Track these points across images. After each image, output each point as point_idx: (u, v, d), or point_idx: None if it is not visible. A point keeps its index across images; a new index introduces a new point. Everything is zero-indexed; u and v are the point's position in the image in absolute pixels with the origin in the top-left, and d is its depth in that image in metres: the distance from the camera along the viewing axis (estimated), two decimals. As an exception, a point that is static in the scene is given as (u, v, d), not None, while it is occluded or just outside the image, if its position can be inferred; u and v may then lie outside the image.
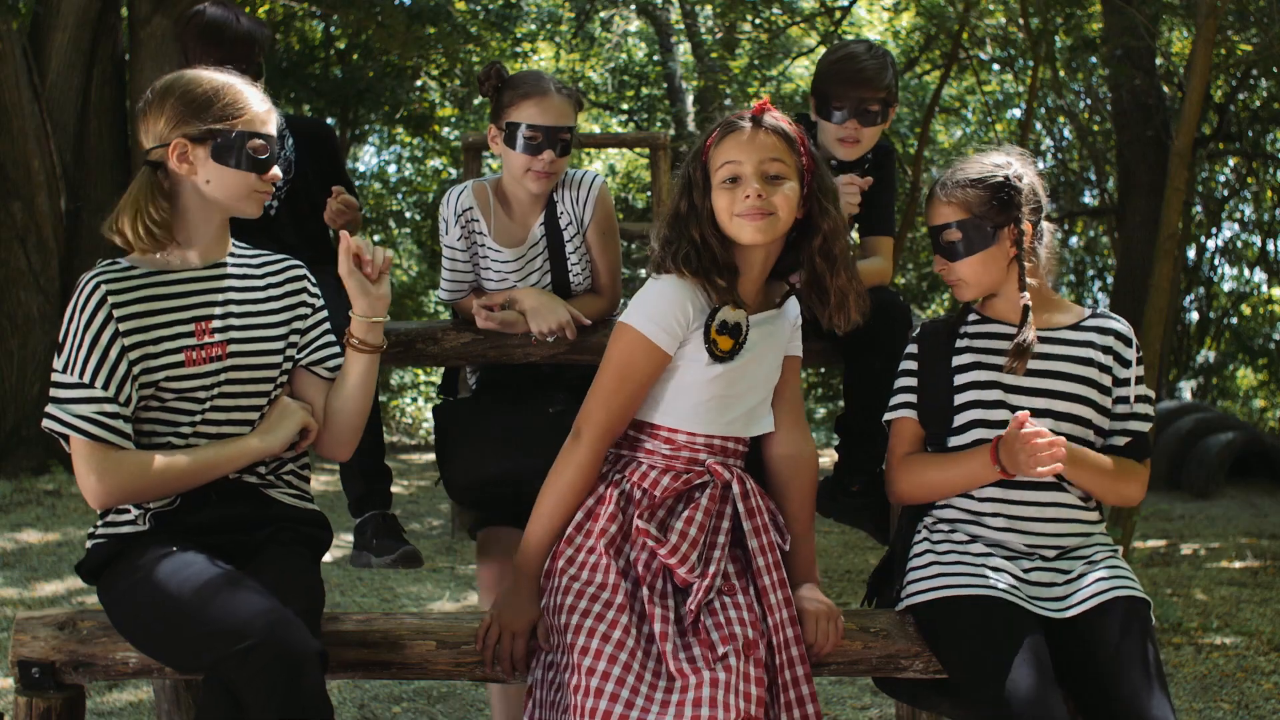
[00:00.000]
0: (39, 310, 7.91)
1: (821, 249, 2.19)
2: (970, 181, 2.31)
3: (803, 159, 2.17)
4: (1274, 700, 3.72)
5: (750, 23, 12.68)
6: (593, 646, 1.97)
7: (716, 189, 2.15)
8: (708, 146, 2.19)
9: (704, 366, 2.16)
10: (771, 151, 2.13)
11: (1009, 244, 2.30)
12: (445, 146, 15.89)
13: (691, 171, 2.20)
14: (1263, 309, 15.12)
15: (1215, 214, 14.33)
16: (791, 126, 2.18)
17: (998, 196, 2.29)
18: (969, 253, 2.30)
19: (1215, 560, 6.13)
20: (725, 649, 1.98)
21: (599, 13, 14.71)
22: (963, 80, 14.04)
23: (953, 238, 2.30)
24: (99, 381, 2.04)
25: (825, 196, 2.20)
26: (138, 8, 8.33)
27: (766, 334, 2.22)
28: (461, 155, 8.09)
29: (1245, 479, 9.06)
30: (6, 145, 7.73)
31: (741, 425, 2.23)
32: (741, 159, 2.12)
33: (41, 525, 6.16)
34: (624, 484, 2.19)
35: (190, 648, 1.93)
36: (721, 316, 2.14)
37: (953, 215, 2.30)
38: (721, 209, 2.14)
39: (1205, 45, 5.51)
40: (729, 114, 2.22)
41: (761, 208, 2.10)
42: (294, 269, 2.34)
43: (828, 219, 2.19)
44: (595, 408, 2.16)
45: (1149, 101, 10.48)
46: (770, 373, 2.25)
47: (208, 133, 2.12)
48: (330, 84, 13.86)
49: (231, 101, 2.15)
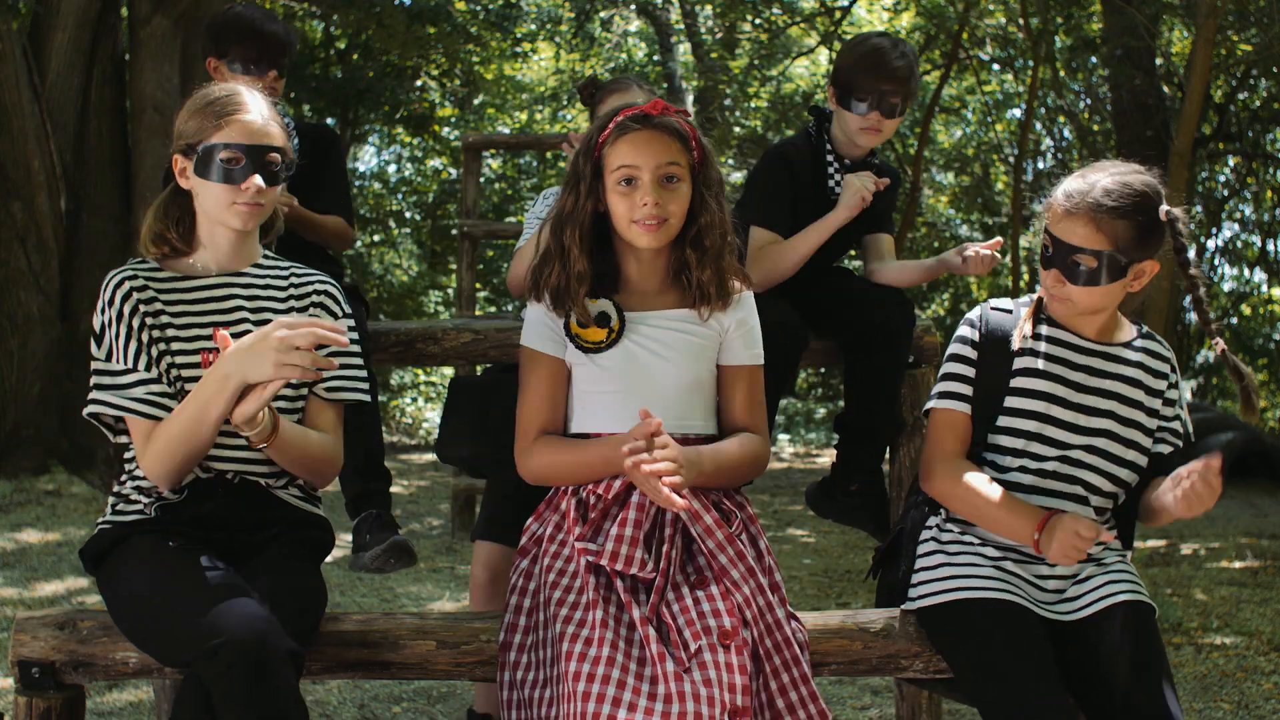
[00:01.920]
0: (39, 310, 7.91)
1: (693, 240, 2.20)
2: (1125, 212, 2.16)
3: (694, 154, 2.19)
4: (1274, 700, 3.72)
5: (750, 23, 12.67)
6: (576, 651, 1.98)
7: (611, 190, 2.16)
8: (600, 143, 2.18)
9: (585, 361, 2.20)
10: (667, 154, 2.14)
11: (1133, 278, 2.23)
12: (445, 147, 15.88)
13: (581, 167, 2.19)
14: (1263, 309, 15.12)
15: (1215, 214, 14.32)
16: (684, 123, 2.19)
17: (1147, 233, 2.18)
18: (1095, 283, 2.19)
19: (1215, 560, 6.13)
20: (698, 644, 1.97)
21: (599, 13, 14.70)
22: (963, 80, 14.03)
23: (1088, 264, 2.17)
24: (142, 364, 2.14)
25: (708, 189, 2.21)
26: (138, 8, 8.33)
27: (664, 321, 2.21)
28: (462, 155, 8.08)
29: (1245, 479, 9.06)
30: (6, 145, 7.72)
31: (668, 422, 2.15)
32: (639, 163, 2.13)
33: (41, 525, 6.17)
34: (580, 492, 2.20)
35: (171, 642, 1.95)
36: (575, 313, 2.18)
37: (1097, 243, 2.16)
38: (619, 214, 2.16)
39: (1205, 45, 5.52)
40: (620, 108, 2.21)
41: (657, 215, 2.12)
42: (322, 285, 2.32)
43: (706, 211, 2.20)
44: (522, 421, 2.24)
45: (1149, 101, 10.47)
46: (684, 366, 2.21)
47: (188, 147, 2.21)
48: (330, 84, 13.84)
49: (215, 113, 2.20)
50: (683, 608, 2.04)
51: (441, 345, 2.69)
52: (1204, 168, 13.08)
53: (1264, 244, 14.65)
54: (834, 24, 12.29)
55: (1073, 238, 2.18)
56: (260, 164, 2.18)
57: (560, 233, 2.20)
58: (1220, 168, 14.07)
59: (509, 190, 16.55)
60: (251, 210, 2.19)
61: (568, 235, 2.18)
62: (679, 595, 2.07)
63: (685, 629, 2.01)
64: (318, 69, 14.12)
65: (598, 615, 2.01)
